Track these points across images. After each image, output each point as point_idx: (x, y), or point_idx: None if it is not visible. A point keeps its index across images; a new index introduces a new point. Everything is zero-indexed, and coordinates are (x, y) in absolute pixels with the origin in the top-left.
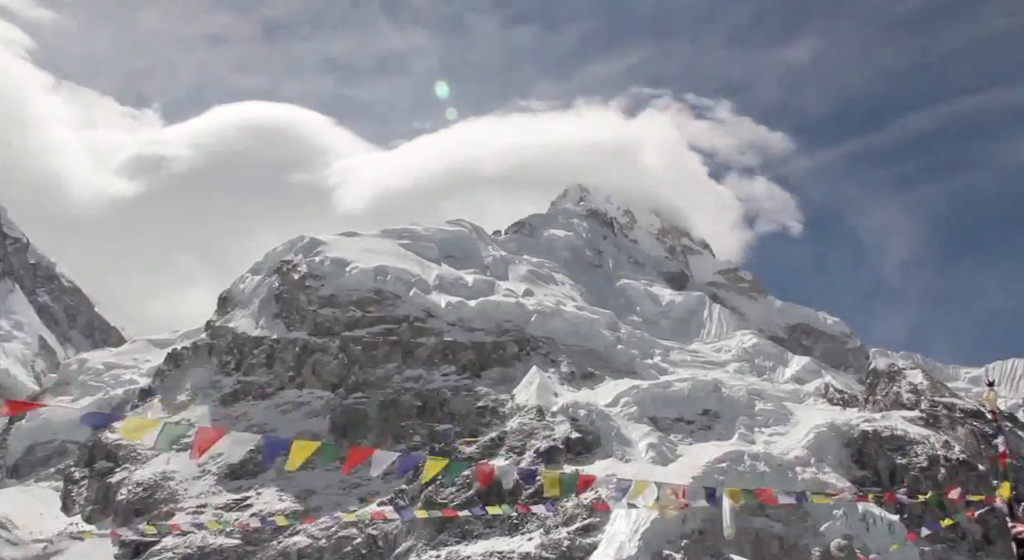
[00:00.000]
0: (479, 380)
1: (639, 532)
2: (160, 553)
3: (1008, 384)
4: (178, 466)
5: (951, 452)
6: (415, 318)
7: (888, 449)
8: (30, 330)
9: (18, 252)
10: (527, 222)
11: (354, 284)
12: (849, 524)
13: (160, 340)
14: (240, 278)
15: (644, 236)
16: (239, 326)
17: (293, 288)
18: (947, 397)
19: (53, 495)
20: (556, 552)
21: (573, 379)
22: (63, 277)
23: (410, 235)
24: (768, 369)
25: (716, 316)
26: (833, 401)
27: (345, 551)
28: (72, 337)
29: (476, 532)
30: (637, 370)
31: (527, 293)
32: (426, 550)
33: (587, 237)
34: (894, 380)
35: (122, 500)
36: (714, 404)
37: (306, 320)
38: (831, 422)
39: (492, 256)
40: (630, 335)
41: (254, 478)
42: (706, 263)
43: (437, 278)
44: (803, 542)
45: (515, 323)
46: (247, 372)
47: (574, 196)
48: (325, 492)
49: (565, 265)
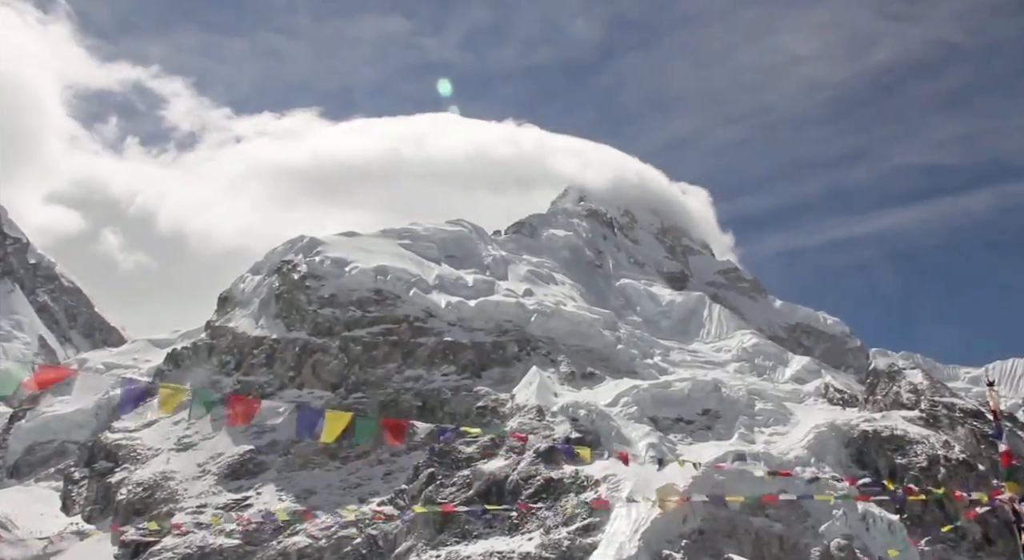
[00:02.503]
0: (479, 380)
1: (639, 532)
2: (160, 553)
3: (1008, 384)
4: (178, 466)
5: (951, 452)
6: (415, 318)
7: (888, 449)
8: (30, 330)
9: (18, 252)
10: (527, 222)
11: (354, 284)
12: (849, 524)
13: (160, 340)
14: (240, 278)
15: (644, 236)
16: (239, 326)
17: (293, 288)
18: (947, 397)
19: (53, 495)
20: (556, 552)
21: (573, 379)
22: (63, 277)
23: (410, 235)
24: (768, 369)
25: (716, 316)
26: (833, 401)
27: (345, 551)
28: (72, 337)
29: (476, 532)
30: (637, 370)
31: (527, 293)
32: (426, 550)
33: (587, 237)
34: (894, 380)
35: (122, 500)
36: (714, 404)
37: (306, 320)
38: (831, 422)
39: (492, 256)
40: (630, 335)
41: (254, 478)
42: (706, 263)
43: (437, 278)
44: (803, 542)
45: (515, 323)
46: (247, 372)
47: (574, 196)
48: (325, 492)
49: (565, 265)
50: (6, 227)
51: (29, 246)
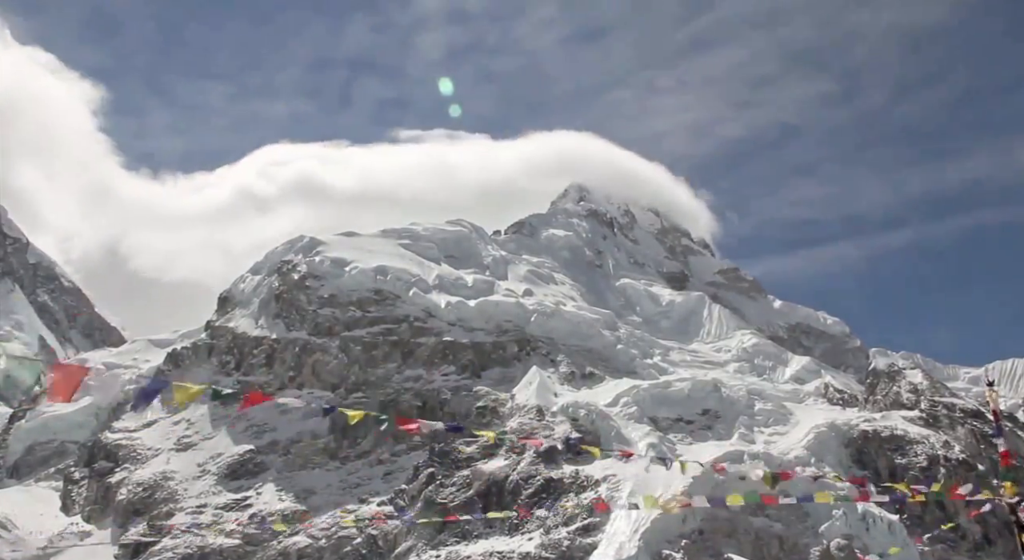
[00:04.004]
0: (479, 380)
1: (639, 532)
2: (160, 553)
3: (1008, 384)
4: (178, 466)
5: (951, 452)
6: (415, 318)
7: (888, 449)
8: (30, 330)
9: (18, 252)
10: (527, 222)
11: (354, 284)
12: (849, 524)
13: (160, 340)
14: (240, 278)
15: (644, 236)
16: (239, 326)
17: (293, 288)
18: (947, 397)
19: (53, 495)
20: (556, 552)
21: (573, 379)
22: (63, 277)
23: (410, 235)
24: (768, 369)
25: (716, 316)
26: (833, 401)
27: (345, 551)
28: (72, 337)
29: (476, 532)
30: (637, 370)
31: (527, 293)
32: (426, 550)
33: (587, 237)
34: (894, 380)
35: (122, 500)
36: (714, 404)
37: (306, 320)
38: (831, 422)
39: (492, 256)
40: (630, 335)
41: (254, 478)
42: (706, 263)
43: (437, 278)
44: (803, 542)
45: (515, 323)
46: (247, 372)
47: (574, 196)
48: (325, 492)
49: (565, 265)
50: (6, 227)
51: (29, 246)
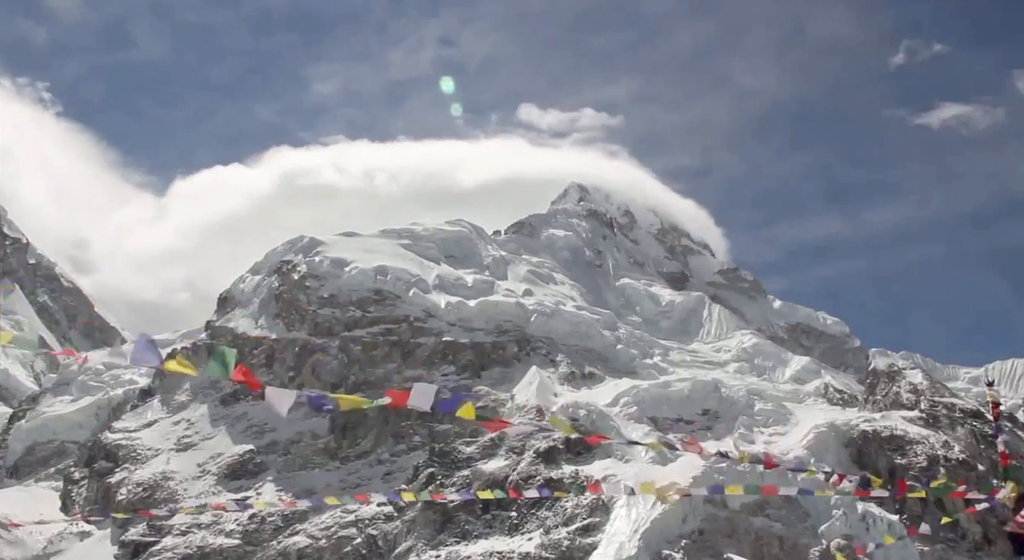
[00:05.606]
0: (479, 380)
1: (639, 532)
2: (160, 553)
3: (1008, 384)
4: (178, 466)
5: (951, 452)
6: (415, 318)
7: (888, 449)
8: (30, 330)
9: (18, 252)
10: (527, 222)
11: (354, 284)
12: (849, 524)
13: (160, 340)
14: (240, 278)
15: (644, 236)
16: (239, 326)
17: (293, 288)
18: (947, 397)
19: (53, 495)
20: (556, 552)
21: (573, 379)
22: (63, 277)
23: (410, 235)
24: (768, 369)
25: (716, 316)
26: (833, 401)
27: (345, 551)
28: (72, 337)
29: (476, 532)
30: (637, 370)
31: (527, 293)
32: (426, 550)
33: (587, 237)
34: (894, 380)
35: (122, 500)
36: (714, 404)
37: (306, 320)
38: (831, 422)
39: (492, 256)
40: (630, 335)
41: (254, 478)
42: (706, 263)
43: (437, 278)
44: (803, 542)
45: (515, 323)
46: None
47: (574, 196)
48: (325, 492)
49: (565, 265)
50: (6, 227)
51: (29, 246)
